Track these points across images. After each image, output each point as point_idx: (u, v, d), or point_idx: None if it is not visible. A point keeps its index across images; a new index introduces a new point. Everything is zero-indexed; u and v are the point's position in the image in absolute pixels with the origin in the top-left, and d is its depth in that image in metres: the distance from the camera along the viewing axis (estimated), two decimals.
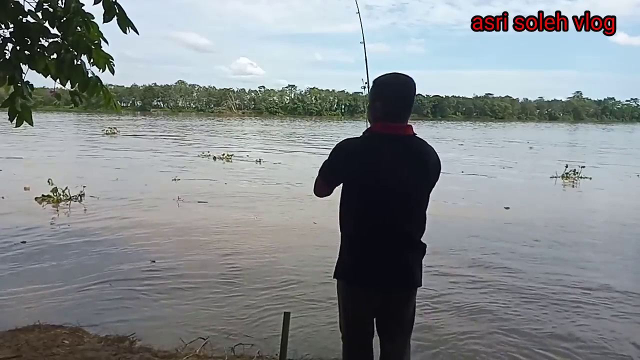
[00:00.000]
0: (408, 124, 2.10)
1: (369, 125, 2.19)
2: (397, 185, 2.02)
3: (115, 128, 30.67)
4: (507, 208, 9.37)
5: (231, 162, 16.29)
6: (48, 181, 8.78)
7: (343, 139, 2.14)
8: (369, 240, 2.07)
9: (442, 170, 2.18)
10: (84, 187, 9.18)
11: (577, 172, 13.60)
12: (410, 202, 2.07)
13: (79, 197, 8.97)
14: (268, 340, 3.69)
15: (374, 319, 2.22)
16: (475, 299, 4.75)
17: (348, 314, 2.22)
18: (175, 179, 11.71)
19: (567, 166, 13.82)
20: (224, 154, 17.23)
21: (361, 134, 2.15)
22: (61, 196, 8.77)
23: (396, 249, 2.07)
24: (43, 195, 8.75)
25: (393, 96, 2.09)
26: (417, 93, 2.18)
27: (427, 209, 2.16)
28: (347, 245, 2.14)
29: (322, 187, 2.21)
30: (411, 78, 2.12)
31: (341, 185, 2.15)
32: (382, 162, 2.01)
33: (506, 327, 4.14)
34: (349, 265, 2.13)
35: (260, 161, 16.45)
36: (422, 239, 2.16)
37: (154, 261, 5.55)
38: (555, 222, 8.42)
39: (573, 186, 12.82)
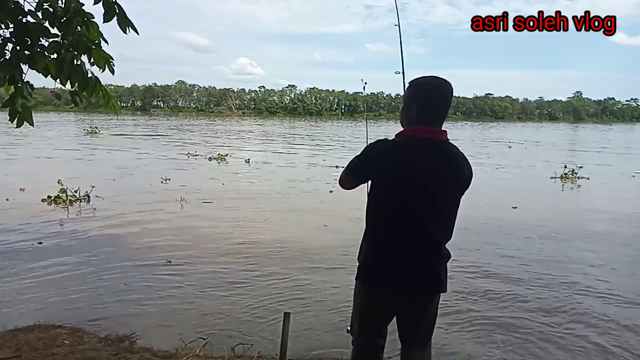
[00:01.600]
0: (442, 129, 2.06)
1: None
2: (428, 190, 1.98)
3: (96, 127, 30.35)
4: (515, 207, 9.43)
5: (227, 162, 16.20)
6: (58, 182, 8.84)
7: (376, 139, 2.07)
8: (396, 245, 2.02)
9: None
10: (93, 187, 9.16)
11: (576, 172, 13.69)
12: (440, 208, 2.03)
13: (87, 198, 8.98)
14: (268, 340, 3.69)
15: (389, 323, 2.21)
16: (499, 288, 5.01)
17: (366, 317, 2.18)
18: (164, 180, 11.54)
19: (565, 166, 13.89)
20: (219, 154, 17.13)
21: (394, 136, 2.09)
22: (70, 197, 8.78)
23: (423, 254, 2.04)
24: (49, 197, 8.73)
25: (430, 100, 2.03)
26: None
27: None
28: (372, 249, 2.09)
29: (347, 180, 2.15)
30: (449, 83, 2.06)
31: (369, 188, 2.11)
32: (415, 167, 1.97)
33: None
34: (373, 268, 2.08)
35: (249, 161, 16.34)
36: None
37: (169, 261, 5.55)
38: (568, 220, 8.64)
39: (572, 186, 12.92)
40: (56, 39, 2.24)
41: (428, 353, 2.24)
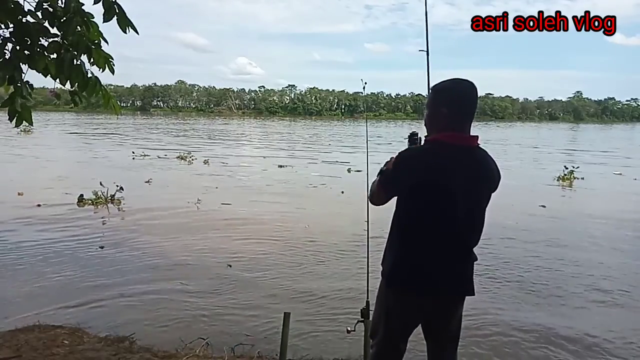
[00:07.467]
0: (473, 134, 2.05)
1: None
2: (462, 197, 1.98)
3: (28, 126, 29.62)
4: (543, 206, 9.56)
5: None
6: (100, 183, 8.85)
7: (405, 148, 2.06)
8: (429, 250, 2.02)
9: None
10: (121, 188, 9.06)
11: (573, 173, 13.83)
12: (473, 213, 2.04)
13: (117, 200, 8.98)
14: (268, 340, 3.69)
15: (415, 328, 2.20)
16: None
17: (394, 321, 2.14)
18: (147, 181, 11.45)
19: (565, 167, 13.98)
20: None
21: (422, 143, 2.08)
22: (100, 199, 8.80)
23: (456, 259, 2.05)
24: (80, 201, 8.74)
25: (461, 105, 2.02)
26: (417, 93, 2.13)
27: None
28: (404, 254, 2.07)
29: (380, 195, 2.12)
30: (474, 84, 2.05)
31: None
32: (448, 173, 1.96)
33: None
34: (405, 273, 2.06)
35: (210, 164, 15.87)
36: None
37: (230, 265, 5.50)
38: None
39: (571, 186, 13.09)
40: (56, 39, 2.23)
41: (456, 354, 2.24)
